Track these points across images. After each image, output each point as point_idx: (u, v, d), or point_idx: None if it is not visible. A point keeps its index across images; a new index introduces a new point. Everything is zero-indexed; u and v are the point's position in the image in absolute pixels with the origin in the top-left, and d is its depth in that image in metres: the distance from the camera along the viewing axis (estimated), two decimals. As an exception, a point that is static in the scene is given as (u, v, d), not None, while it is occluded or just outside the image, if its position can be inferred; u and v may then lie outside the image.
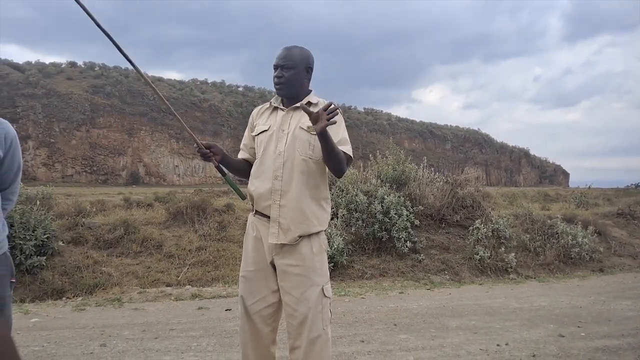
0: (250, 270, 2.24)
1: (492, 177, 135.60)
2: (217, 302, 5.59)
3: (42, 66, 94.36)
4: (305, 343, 2.12)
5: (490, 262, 7.63)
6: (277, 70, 2.23)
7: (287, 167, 2.16)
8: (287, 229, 2.13)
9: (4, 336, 1.48)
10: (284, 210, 2.14)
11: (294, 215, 2.14)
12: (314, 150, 2.18)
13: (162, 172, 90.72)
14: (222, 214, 8.45)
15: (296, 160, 2.16)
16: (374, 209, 7.64)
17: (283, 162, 2.16)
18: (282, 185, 2.15)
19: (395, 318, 4.86)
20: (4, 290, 1.84)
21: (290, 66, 2.22)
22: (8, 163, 1.95)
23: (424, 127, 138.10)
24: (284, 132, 2.21)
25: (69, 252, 6.55)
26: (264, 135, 2.25)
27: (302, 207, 2.15)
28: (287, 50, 2.25)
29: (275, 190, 2.15)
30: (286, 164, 2.16)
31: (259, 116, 2.37)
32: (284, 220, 2.14)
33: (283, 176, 2.15)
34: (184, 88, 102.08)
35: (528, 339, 4.13)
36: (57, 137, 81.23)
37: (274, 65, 2.26)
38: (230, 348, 3.80)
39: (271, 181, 2.16)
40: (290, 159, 2.16)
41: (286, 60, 2.22)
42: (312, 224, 2.17)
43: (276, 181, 2.15)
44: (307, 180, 2.17)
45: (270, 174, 2.17)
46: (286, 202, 2.14)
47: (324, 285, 2.19)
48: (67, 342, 3.95)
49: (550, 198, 19.69)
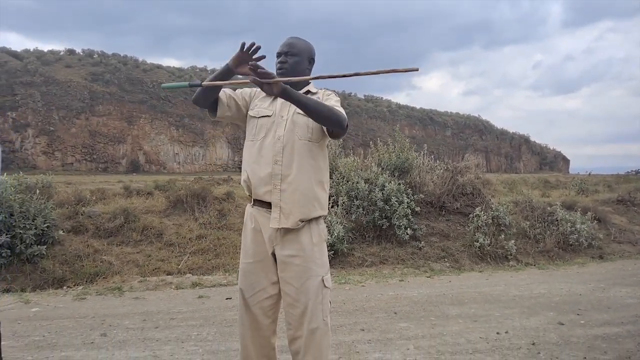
0: (249, 262, 2.23)
1: (493, 164, 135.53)
2: (217, 291, 5.60)
3: (41, 54, 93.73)
4: (305, 334, 2.12)
5: (490, 249, 7.64)
6: (281, 57, 2.26)
7: (287, 151, 2.15)
8: (289, 212, 2.12)
9: None
10: (284, 194, 2.13)
11: (295, 198, 2.13)
12: (313, 132, 2.18)
13: (162, 160, 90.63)
14: (222, 202, 8.45)
15: (296, 144, 2.15)
16: (374, 196, 7.62)
17: (282, 146, 2.15)
18: (282, 169, 2.13)
19: (396, 306, 4.87)
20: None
21: (294, 53, 2.25)
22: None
23: (424, 114, 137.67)
24: (282, 118, 2.21)
25: (69, 241, 6.55)
26: (266, 120, 2.23)
27: (303, 190, 2.14)
28: (291, 39, 2.29)
29: (276, 174, 2.13)
30: (286, 148, 2.15)
31: (260, 97, 2.34)
32: (285, 204, 2.13)
33: (283, 160, 2.14)
34: (183, 75, 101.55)
35: (528, 327, 4.14)
36: (57, 125, 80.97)
37: (277, 52, 2.28)
38: (230, 337, 3.81)
39: (271, 166, 2.14)
40: (290, 143, 2.15)
41: (290, 47, 2.26)
42: (313, 208, 2.17)
43: (276, 165, 2.14)
44: (307, 164, 2.16)
45: (269, 158, 2.15)
46: (287, 187, 2.13)
47: (324, 275, 2.18)
48: (68, 332, 3.96)
49: (551, 185, 19.68)
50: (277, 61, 2.27)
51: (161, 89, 2.88)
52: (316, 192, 2.19)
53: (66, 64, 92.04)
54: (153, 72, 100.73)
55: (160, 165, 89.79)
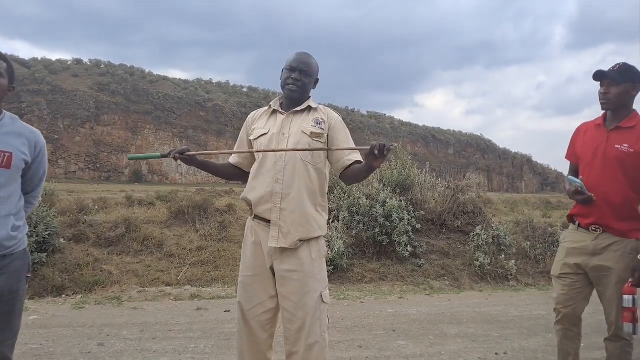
0: (248, 276, 2.24)
1: (494, 183, 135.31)
2: (216, 303, 5.58)
3: (48, 63, 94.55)
4: (302, 349, 2.12)
5: (491, 268, 7.61)
6: (296, 73, 2.26)
7: (288, 170, 2.16)
8: (287, 232, 2.13)
9: None
10: (284, 213, 2.14)
11: (294, 218, 2.14)
12: (315, 156, 2.20)
13: (165, 170, 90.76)
14: (223, 214, 8.46)
15: (297, 164, 2.17)
16: (375, 212, 7.62)
17: (284, 165, 2.16)
18: (283, 188, 2.15)
19: (394, 324, 4.85)
20: (20, 284, 2.05)
21: (309, 74, 2.29)
22: (35, 168, 2.15)
23: (427, 132, 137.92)
24: (284, 135, 2.21)
25: (69, 249, 6.56)
26: (263, 139, 2.25)
27: (303, 211, 2.15)
28: (307, 58, 2.31)
29: (276, 193, 2.15)
30: (287, 167, 2.16)
31: (256, 121, 2.38)
32: (284, 223, 2.14)
33: (284, 179, 2.15)
34: (189, 87, 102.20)
35: (527, 348, 4.11)
36: (62, 133, 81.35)
37: (292, 66, 2.27)
38: (228, 350, 3.80)
39: (272, 184, 2.16)
40: (291, 162, 2.16)
41: (307, 67, 2.28)
42: (312, 228, 2.18)
43: (277, 184, 2.15)
44: (307, 184, 2.18)
45: (270, 177, 2.17)
46: (286, 206, 2.14)
47: (322, 291, 2.19)
48: (66, 341, 3.95)
49: (552, 205, 19.65)
50: (290, 75, 2.26)
51: (128, 159, 2.88)
52: (315, 213, 2.20)
53: (73, 74, 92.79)
54: (159, 83, 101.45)
55: (162, 176, 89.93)
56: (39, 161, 2.16)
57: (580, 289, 2.66)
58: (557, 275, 2.70)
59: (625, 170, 2.44)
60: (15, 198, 2.06)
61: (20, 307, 2.08)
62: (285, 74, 2.29)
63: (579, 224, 2.66)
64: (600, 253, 2.52)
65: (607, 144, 2.49)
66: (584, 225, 2.61)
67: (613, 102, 2.48)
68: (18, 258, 2.04)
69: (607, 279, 2.53)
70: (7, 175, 2.00)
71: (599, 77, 2.52)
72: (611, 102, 2.49)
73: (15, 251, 2.03)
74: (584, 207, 2.57)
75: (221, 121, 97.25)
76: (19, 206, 2.08)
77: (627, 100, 2.49)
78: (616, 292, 2.49)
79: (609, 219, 2.49)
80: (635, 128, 2.47)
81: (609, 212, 2.48)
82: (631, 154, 2.42)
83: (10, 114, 2.11)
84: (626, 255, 2.46)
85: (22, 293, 2.08)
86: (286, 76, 2.28)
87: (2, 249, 1.97)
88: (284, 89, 2.30)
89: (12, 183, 2.04)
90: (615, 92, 2.46)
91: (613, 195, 2.46)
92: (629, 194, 2.46)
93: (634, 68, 2.48)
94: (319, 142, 2.21)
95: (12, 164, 2.00)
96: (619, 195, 2.45)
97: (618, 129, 2.50)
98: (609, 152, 2.48)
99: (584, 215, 2.62)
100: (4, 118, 2.06)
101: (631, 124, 2.48)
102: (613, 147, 2.47)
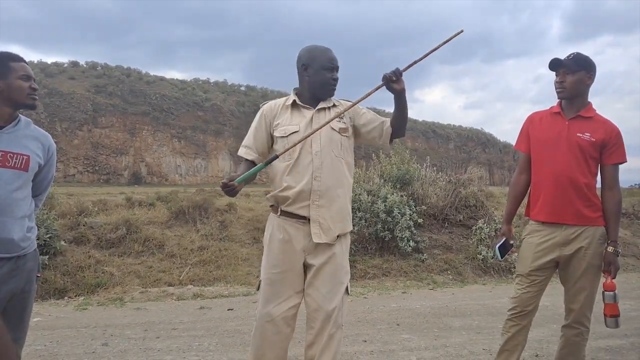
0: (275, 273, 2.22)
1: (496, 177, 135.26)
2: (218, 302, 5.58)
3: (44, 66, 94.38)
4: (325, 338, 2.17)
5: (493, 262, 7.60)
6: (335, 72, 2.31)
7: (325, 167, 2.18)
8: (328, 228, 2.17)
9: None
10: (322, 210, 2.17)
11: (332, 214, 2.19)
12: (346, 151, 2.28)
13: (164, 171, 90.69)
14: (224, 214, 8.45)
15: (333, 161, 2.21)
16: (377, 208, 7.61)
17: (321, 162, 2.18)
18: (321, 185, 2.17)
19: (398, 318, 4.84)
20: (32, 284, 2.10)
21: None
22: (45, 172, 2.19)
23: (427, 127, 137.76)
24: (317, 132, 2.21)
25: (71, 252, 6.55)
26: (295, 136, 2.20)
27: (340, 207, 2.22)
28: (335, 54, 2.35)
29: (315, 190, 2.16)
30: (324, 164, 2.18)
31: (277, 116, 2.30)
32: (324, 220, 2.17)
33: (322, 177, 2.17)
34: (186, 87, 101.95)
35: (531, 339, 4.09)
36: (60, 136, 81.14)
37: (334, 66, 2.29)
38: (232, 348, 3.80)
39: (310, 182, 2.16)
40: (327, 160, 2.19)
41: (338, 64, 2.33)
42: (348, 223, 2.28)
43: (315, 182, 2.16)
44: (341, 180, 2.23)
45: (308, 174, 2.17)
46: (324, 202, 2.17)
47: (347, 283, 2.28)
48: (69, 342, 3.94)
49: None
50: (332, 75, 2.28)
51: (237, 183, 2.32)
52: (349, 208, 2.30)
53: (70, 76, 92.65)
54: (156, 84, 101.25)
55: (162, 177, 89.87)
56: (50, 164, 2.20)
57: (544, 284, 2.66)
58: (527, 274, 2.62)
59: (586, 158, 2.50)
60: (28, 200, 2.10)
61: (31, 306, 2.13)
62: (327, 74, 2.26)
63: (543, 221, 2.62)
64: (572, 242, 2.53)
65: (568, 132, 2.52)
66: (550, 220, 2.58)
67: (569, 90, 2.52)
68: (30, 259, 2.09)
69: (577, 263, 2.54)
70: (24, 178, 2.04)
71: (555, 66, 2.56)
72: (567, 91, 2.52)
73: (28, 252, 2.07)
74: (549, 201, 2.56)
75: (219, 120, 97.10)
76: (31, 208, 2.12)
77: (582, 89, 2.53)
78: (586, 281, 2.57)
79: (577, 205, 2.50)
80: (594, 119, 2.54)
81: (576, 198, 2.50)
82: (592, 142, 2.48)
83: (25, 118, 2.12)
84: (595, 241, 2.51)
85: (33, 292, 2.13)
86: (329, 76, 2.27)
87: (18, 249, 2.00)
88: (324, 88, 2.27)
89: (27, 185, 2.08)
90: (571, 80, 2.49)
91: (581, 178, 2.49)
92: (590, 178, 2.52)
93: (588, 58, 2.54)
94: (345, 137, 2.28)
95: (29, 166, 2.05)
96: (585, 178, 2.50)
97: (578, 117, 2.54)
98: (571, 139, 2.51)
99: (547, 211, 2.58)
100: (20, 121, 2.08)
101: (590, 115, 2.54)
102: (575, 135, 2.51)
